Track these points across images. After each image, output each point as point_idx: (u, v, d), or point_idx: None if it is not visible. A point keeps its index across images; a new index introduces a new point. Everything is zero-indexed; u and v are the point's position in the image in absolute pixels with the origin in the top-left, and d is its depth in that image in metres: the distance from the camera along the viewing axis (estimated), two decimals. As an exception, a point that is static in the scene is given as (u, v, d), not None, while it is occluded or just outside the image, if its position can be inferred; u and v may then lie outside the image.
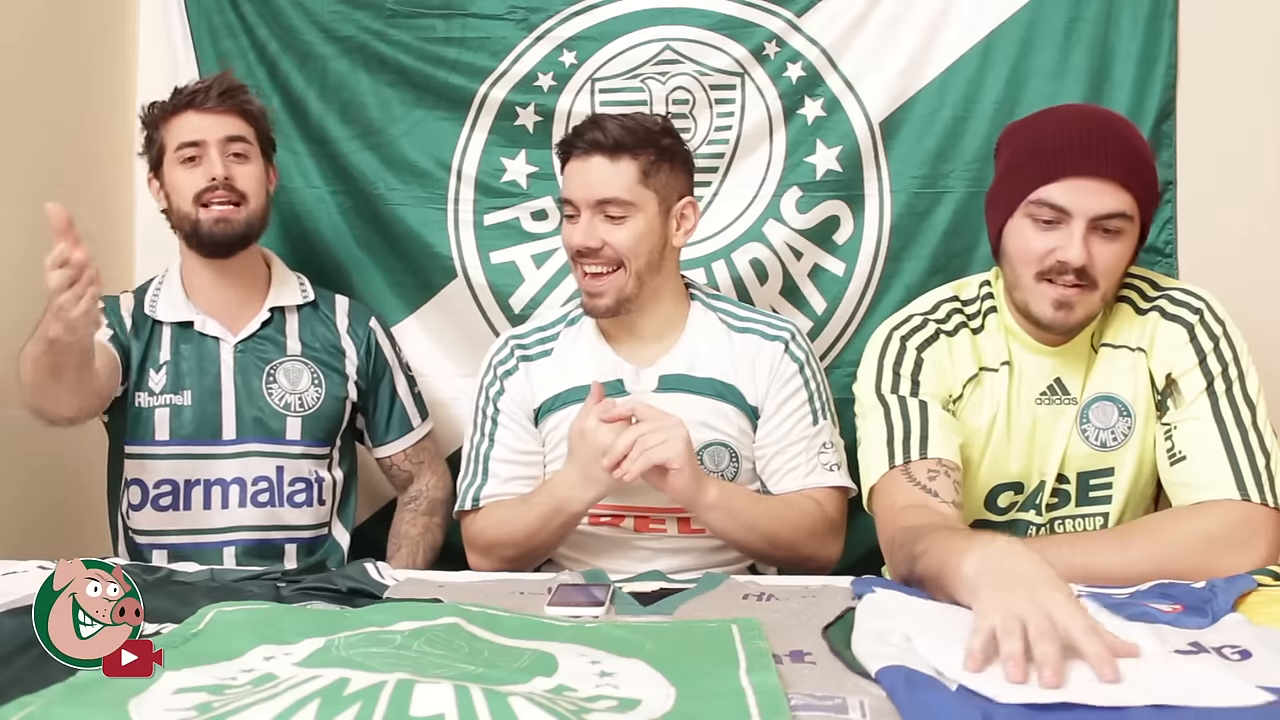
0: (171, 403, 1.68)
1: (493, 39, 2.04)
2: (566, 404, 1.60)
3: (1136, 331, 1.39)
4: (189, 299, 1.73)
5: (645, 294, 1.57)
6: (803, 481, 1.57)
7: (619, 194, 1.53)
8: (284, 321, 1.77)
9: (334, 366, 1.77)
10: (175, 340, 1.71)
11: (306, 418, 1.73)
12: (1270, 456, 1.29)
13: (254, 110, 1.75)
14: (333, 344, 1.78)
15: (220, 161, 1.67)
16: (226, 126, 1.69)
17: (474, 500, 1.60)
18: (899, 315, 1.49)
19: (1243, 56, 1.97)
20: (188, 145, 1.68)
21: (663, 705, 0.86)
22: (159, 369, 1.69)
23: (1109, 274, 1.33)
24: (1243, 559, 1.22)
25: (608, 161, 1.54)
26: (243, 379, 1.71)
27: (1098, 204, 1.30)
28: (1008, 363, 1.42)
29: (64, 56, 1.93)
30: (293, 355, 1.75)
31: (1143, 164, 1.34)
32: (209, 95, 1.68)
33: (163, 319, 1.72)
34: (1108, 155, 1.30)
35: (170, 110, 1.70)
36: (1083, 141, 1.31)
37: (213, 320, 1.72)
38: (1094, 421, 1.39)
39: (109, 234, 1.76)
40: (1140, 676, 0.89)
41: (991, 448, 1.42)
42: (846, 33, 1.99)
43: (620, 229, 1.54)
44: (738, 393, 1.59)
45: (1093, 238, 1.31)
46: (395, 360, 1.86)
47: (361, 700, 0.83)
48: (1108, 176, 1.30)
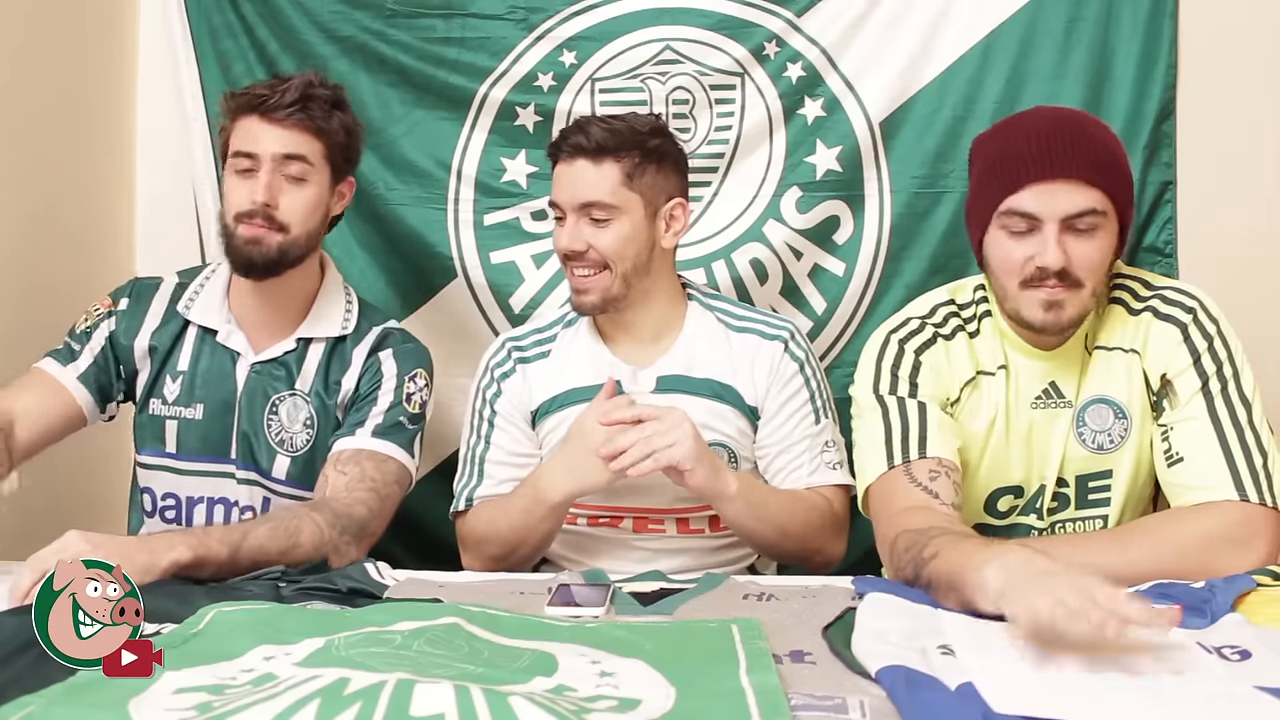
0: (182, 415, 1.61)
1: (493, 39, 2.04)
2: (564, 406, 1.60)
3: (1130, 333, 1.39)
4: (226, 301, 1.62)
5: (634, 295, 1.57)
6: (807, 480, 1.57)
7: (602, 197, 1.53)
8: (306, 353, 1.62)
9: (330, 402, 1.61)
10: (198, 347, 1.61)
11: (295, 458, 1.60)
12: (1267, 455, 1.29)
13: (328, 126, 1.56)
14: (338, 379, 1.61)
15: (267, 184, 1.51)
16: (286, 142, 1.53)
17: (468, 500, 1.60)
18: (895, 319, 1.49)
19: (1242, 56, 1.97)
20: (242, 155, 1.54)
21: (663, 705, 0.86)
22: (176, 378, 1.61)
23: (1091, 271, 1.33)
24: (1243, 559, 1.22)
25: (591, 165, 1.54)
26: (249, 402, 1.60)
27: (1066, 204, 1.31)
28: (1004, 366, 1.42)
29: (64, 56, 1.93)
30: (299, 392, 1.60)
31: (1109, 158, 1.34)
32: (279, 102, 1.52)
33: (194, 319, 1.61)
34: (1068, 155, 1.31)
35: (236, 110, 1.56)
36: (1042, 145, 1.32)
37: (239, 333, 1.61)
38: (1090, 425, 1.38)
39: (108, 233, 1.75)
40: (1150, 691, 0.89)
41: (990, 451, 1.42)
42: (846, 33, 1.99)
43: (605, 232, 1.54)
44: (736, 393, 1.59)
45: (1067, 238, 1.31)
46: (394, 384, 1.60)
47: (361, 700, 0.83)
48: (1071, 176, 1.30)
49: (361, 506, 1.47)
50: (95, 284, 1.78)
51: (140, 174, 2.15)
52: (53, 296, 1.86)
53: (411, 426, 1.60)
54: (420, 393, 1.63)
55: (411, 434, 1.60)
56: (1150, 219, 1.98)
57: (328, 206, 1.60)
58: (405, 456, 1.58)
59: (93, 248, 1.96)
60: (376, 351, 1.62)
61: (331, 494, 1.49)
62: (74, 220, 1.94)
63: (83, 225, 1.93)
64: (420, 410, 1.62)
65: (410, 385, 1.61)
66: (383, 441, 1.56)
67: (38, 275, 1.86)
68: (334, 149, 1.58)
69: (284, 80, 1.56)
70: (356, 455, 1.54)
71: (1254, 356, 1.38)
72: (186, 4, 2.08)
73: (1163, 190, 1.97)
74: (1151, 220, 1.98)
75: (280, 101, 1.52)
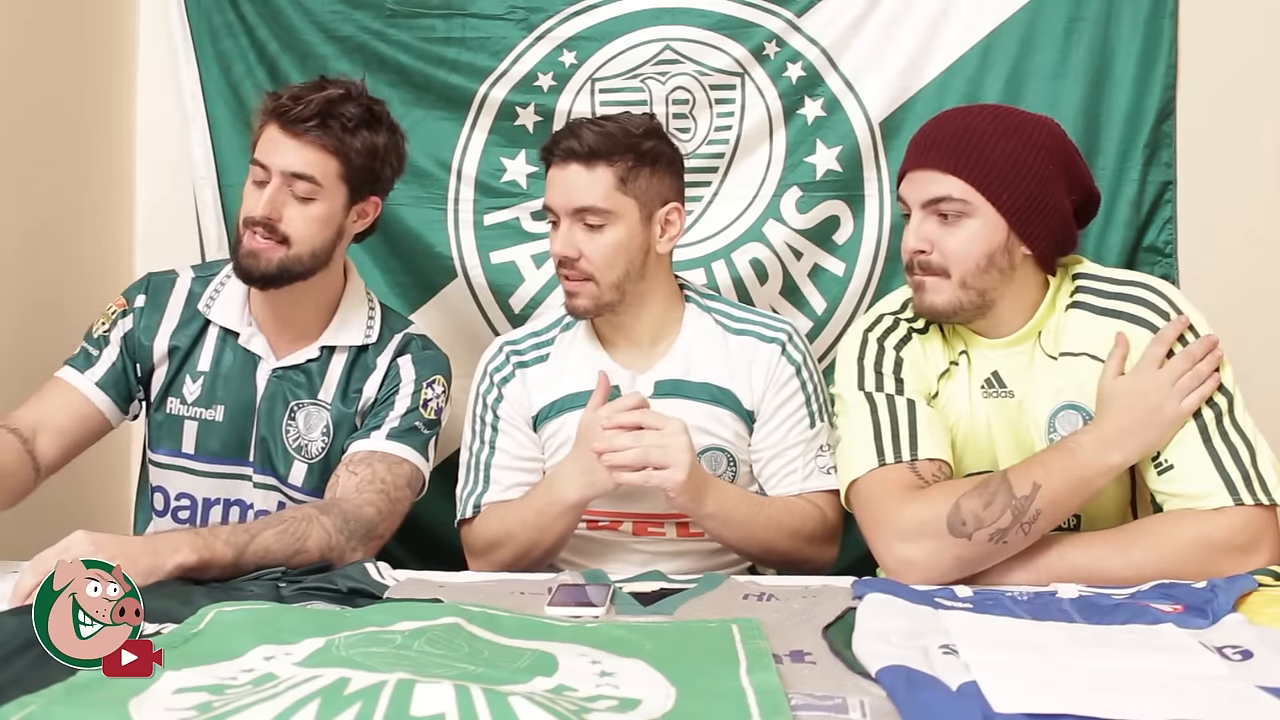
0: (202, 416, 1.58)
1: (493, 39, 2.04)
2: (564, 411, 1.59)
3: (1097, 337, 1.37)
4: (247, 304, 1.60)
5: (629, 299, 1.56)
6: (801, 486, 1.56)
7: (595, 202, 1.52)
8: (329, 362, 1.60)
9: (350, 410, 1.60)
10: (219, 348, 1.59)
11: (311, 465, 1.59)
12: (1254, 450, 1.28)
13: (346, 146, 1.50)
14: (358, 389, 1.60)
15: (270, 198, 1.47)
16: (298, 159, 1.48)
17: (475, 507, 1.59)
18: (868, 317, 1.50)
19: (1243, 56, 1.98)
20: (257, 165, 1.50)
21: (663, 705, 0.86)
22: (196, 378, 1.58)
23: (956, 260, 1.36)
24: (1247, 564, 1.22)
25: (583, 169, 1.52)
26: (268, 406, 1.58)
27: (923, 191, 1.37)
28: (965, 352, 1.43)
29: (64, 57, 1.93)
30: (320, 401, 1.59)
31: (974, 147, 1.34)
32: (298, 115, 1.47)
33: (215, 319, 1.59)
34: (929, 145, 1.38)
35: (264, 114, 1.52)
36: (916, 139, 1.42)
37: (260, 336, 1.59)
38: (1061, 431, 1.37)
39: (108, 233, 1.75)
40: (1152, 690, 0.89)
41: (961, 439, 1.42)
42: (846, 33, 2.00)
43: (599, 237, 1.53)
44: (734, 397, 1.58)
45: (932, 226, 1.37)
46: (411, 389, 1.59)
47: (362, 700, 0.83)
48: (930, 165, 1.37)
49: (370, 508, 1.46)
50: (95, 284, 1.78)
51: (140, 174, 2.15)
52: (53, 296, 1.86)
53: (426, 431, 1.59)
54: (437, 399, 1.61)
55: (426, 438, 1.59)
56: (1150, 219, 1.98)
57: (341, 225, 1.55)
58: (419, 459, 1.57)
59: (92, 247, 1.96)
60: (397, 358, 1.61)
61: (341, 494, 1.48)
62: (74, 220, 1.94)
63: (82, 225, 1.93)
64: (436, 417, 1.61)
65: (428, 391, 1.60)
66: (397, 444, 1.55)
67: (38, 276, 1.86)
68: (352, 169, 1.52)
69: (314, 88, 1.50)
70: (369, 457, 1.53)
71: (1253, 356, 1.38)
72: (186, 4, 2.08)
73: (1163, 190, 1.97)
74: (1151, 220, 1.98)
75: (300, 114, 1.47)
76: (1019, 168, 1.34)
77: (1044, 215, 1.36)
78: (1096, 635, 1.04)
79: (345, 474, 1.51)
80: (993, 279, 1.37)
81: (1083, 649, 0.99)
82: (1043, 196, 1.35)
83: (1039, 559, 1.26)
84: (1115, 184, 1.95)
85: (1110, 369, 1.33)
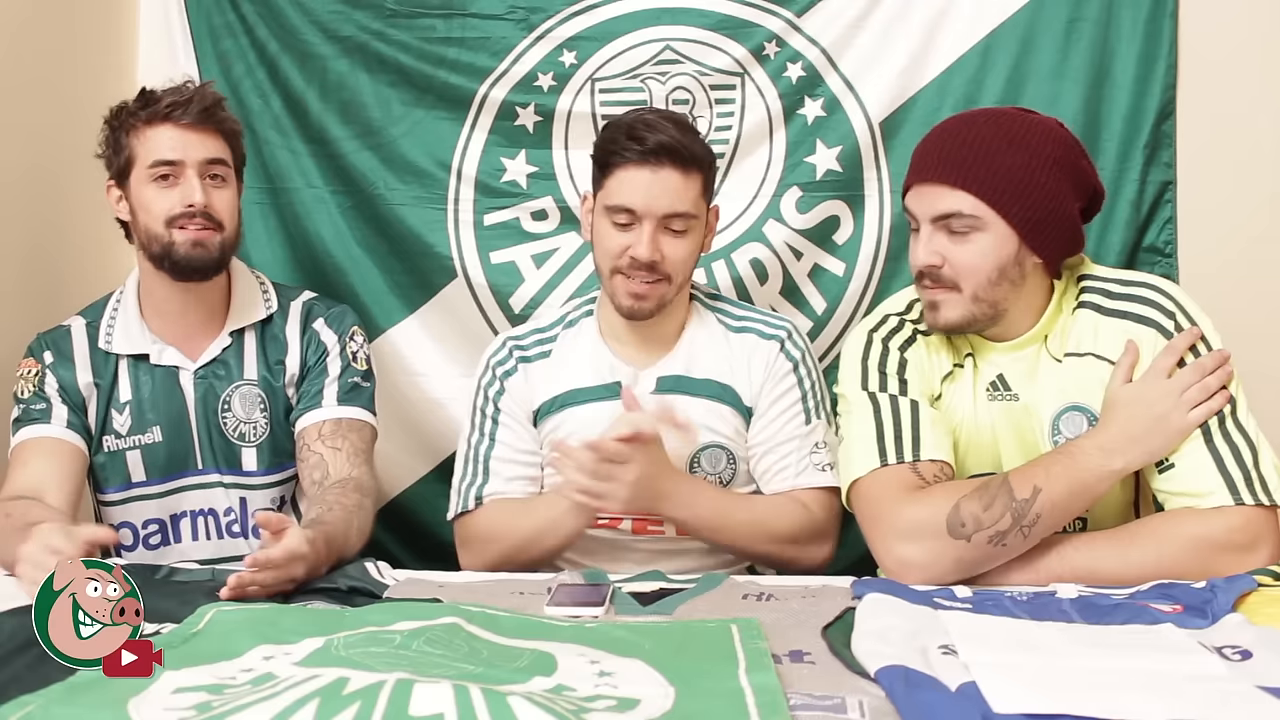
0: (140, 443, 1.61)
1: (493, 39, 2.04)
2: (565, 406, 1.59)
3: (1104, 338, 1.37)
4: (145, 323, 1.62)
5: (677, 300, 1.58)
6: (793, 482, 1.56)
7: (689, 209, 1.50)
8: (242, 344, 1.65)
9: (277, 384, 1.65)
10: (134, 374, 1.61)
11: (260, 446, 1.63)
12: (1256, 450, 1.28)
13: (234, 130, 1.63)
14: (279, 359, 1.65)
15: (200, 186, 1.54)
16: (207, 148, 1.56)
17: (476, 498, 1.59)
18: (873, 317, 1.49)
19: (1243, 56, 1.97)
20: (164, 164, 1.55)
21: (662, 705, 0.87)
22: (122, 409, 1.60)
23: (967, 274, 1.34)
24: (1246, 564, 1.22)
25: (679, 174, 1.49)
26: (203, 407, 1.61)
27: (932, 206, 1.35)
28: (970, 355, 1.43)
29: (64, 57, 1.93)
30: (248, 380, 1.63)
31: (982, 163, 1.33)
32: (188, 110, 1.55)
33: (119, 351, 1.61)
34: (936, 159, 1.36)
35: (145, 120, 1.56)
36: (922, 151, 1.40)
37: (171, 349, 1.61)
38: (1065, 432, 1.37)
39: (106, 235, 1.75)
40: (1152, 690, 0.89)
41: (964, 441, 1.42)
42: (846, 33, 2.00)
43: (681, 243, 1.52)
44: (734, 394, 1.59)
45: (943, 240, 1.35)
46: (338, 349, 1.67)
47: (361, 700, 0.83)
48: (938, 179, 1.35)
49: (372, 478, 1.60)
50: (96, 284, 1.78)
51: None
52: (53, 296, 1.86)
53: (366, 384, 1.68)
54: (361, 349, 1.70)
55: (369, 392, 1.68)
56: (1150, 219, 1.98)
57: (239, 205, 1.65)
58: (371, 418, 1.67)
59: (92, 248, 1.96)
60: (309, 324, 1.68)
61: (345, 472, 1.56)
62: (73, 220, 1.94)
63: (82, 225, 1.93)
64: (368, 366, 1.70)
65: (352, 344, 1.68)
66: (351, 408, 1.64)
67: (38, 276, 1.86)
68: (237, 153, 1.64)
69: (181, 90, 1.58)
70: (338, 427, 1.61)
71: (1253, 356, 1.37)
72: (186, 4, 2.09)
73: (1163, 190, 1.97)
74: (1151, 220, 1.98)
75: (193, 109, 1.56)
76: (1028, 179, 1.33)
77: (1053, 224, 1.35)
78: (1096, 635, 1.04)
79: (327, 449, 1.59)
80: (1004, 290, 1.36)
81: (1082, 649, 1.00)
82: (1052, 206, 1.34)
83: (1038, 559, 1.26)
84: (1115, 184, 1.95)
85: (1119, 375, 1.32)
